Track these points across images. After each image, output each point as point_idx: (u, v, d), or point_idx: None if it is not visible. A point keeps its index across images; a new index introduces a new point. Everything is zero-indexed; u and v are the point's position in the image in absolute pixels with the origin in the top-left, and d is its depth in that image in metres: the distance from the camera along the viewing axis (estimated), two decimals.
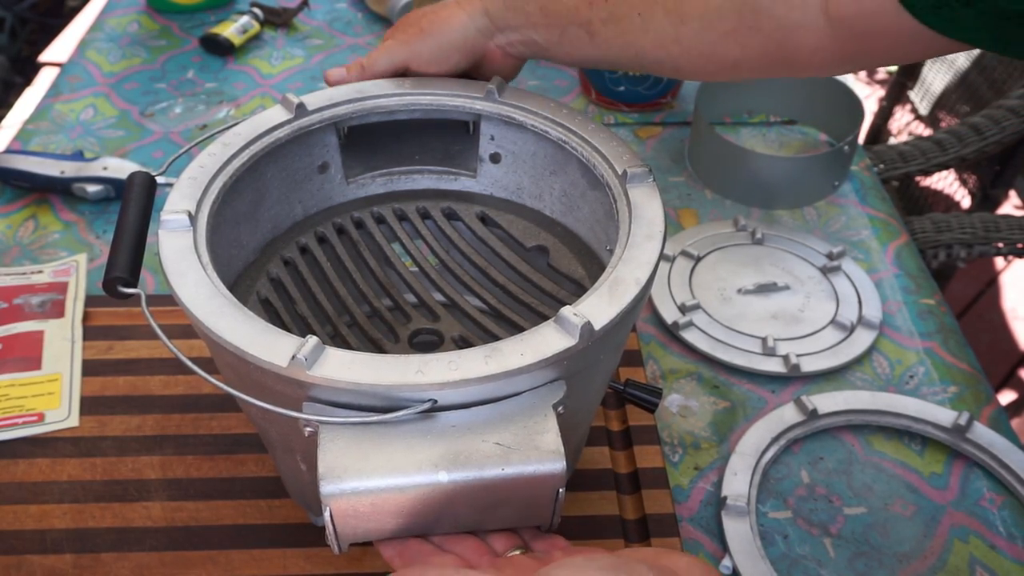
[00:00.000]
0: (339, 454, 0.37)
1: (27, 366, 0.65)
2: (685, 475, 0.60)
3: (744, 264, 0.75)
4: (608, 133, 0.51)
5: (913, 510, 0.58)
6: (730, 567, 0.54)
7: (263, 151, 0.51)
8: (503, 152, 0.57)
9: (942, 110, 1.38)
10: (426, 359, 0.38)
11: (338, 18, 1.11)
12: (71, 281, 0.72)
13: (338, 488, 0.36)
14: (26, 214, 0.81)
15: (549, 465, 0.37)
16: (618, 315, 0.40)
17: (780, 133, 0.93)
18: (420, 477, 0.36)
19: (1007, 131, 1.09)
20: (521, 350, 0.38)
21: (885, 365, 0.68)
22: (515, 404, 0.39)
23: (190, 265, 0.43)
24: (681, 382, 0.66)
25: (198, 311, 0.40)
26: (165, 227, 0.45)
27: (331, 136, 0.56)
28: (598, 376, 0.46)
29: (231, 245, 0.52)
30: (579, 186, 0.52)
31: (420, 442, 0.37)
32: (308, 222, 0.57)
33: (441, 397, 0.38)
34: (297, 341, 0.38)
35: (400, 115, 0.55)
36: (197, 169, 0.49)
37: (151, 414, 0.62)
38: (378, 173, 0.59)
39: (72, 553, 0.54)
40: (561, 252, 0.54)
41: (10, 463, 0.59)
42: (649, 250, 0.43)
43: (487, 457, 0.37)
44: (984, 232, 1.04)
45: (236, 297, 0.49)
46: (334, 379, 0.37)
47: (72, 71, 1.01)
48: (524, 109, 0.54)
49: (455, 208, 0.57)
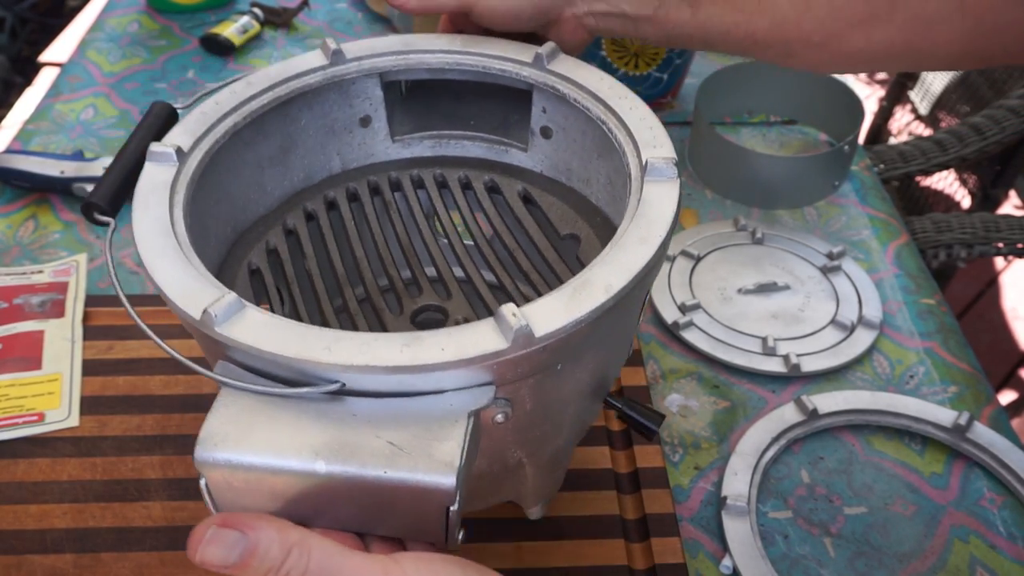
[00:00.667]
0: (225, 421, 0.34)
1: (27, 366, 0.65)
2: (685, 475, 0.60)
3: (744, 264, 0.75)
4: (649, 116, 0.46)
5: (913, 510, 0.58)
6: (730, 567, 0.54)
7: (290, 94, 0.49)
8: (554, 127, 0.52)
9: (942, 110, 1.38)
10: (340, 336, 0.34)
11: (338, 18, 1.11)
12: (71, 281, 0.72)
13: (210, 456, 0.33)
14: (26, 214, 0.81)
15: (437, 477, 0.33)
16: (571, 324, 0.35)
17: (780, 133, 0.93)
18: (296, 463, 0.33)
19: (1007, 131, 1.09)
20: (443, 344, 0.34)
21: (885, 365, 0.68)
22: (429, 403, 0.35)
23: (158, 200, 0.41)
24: (681, 382, 0.66)
25: (143, 246, 0.39)
26: (151, 158, 0.43)
27: (375, 88, 0.53)
28: (563, 387, 0.40)
29: (252, 188, 0.50)
30: (622, 175, 0.47)
31: (311, 425, 0.34)
32: (344, 176, 0.54)
33: (350, 380, 0.34)
34: (218, 295, 0.36)
35: (449, 74, 0.52)
36: (212, 105, 0.47)
37: (151, 414, 0.62)
38: (427, 135, 0.55)
39: (72, 553, 0.54)
40: (592, 244, 0.49)
41: (10, 463, 0.59)
42: (637, 255, 0.38)
43: (373, 455, 0.33)
44: (984, 232, 1.04)
45: (244, 244, 0.46)
46: (238, 341, 0.34)
47: (72, 71, 1.01)
48: (571, 81, 0.49)
49: (499, 182, 0.53)
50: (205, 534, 0.31)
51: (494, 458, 0.42)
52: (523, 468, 0.45)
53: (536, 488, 0.49)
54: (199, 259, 0.39)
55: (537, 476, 0.48)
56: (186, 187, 0.43)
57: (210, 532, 0.31)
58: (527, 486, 0.48)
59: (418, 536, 0.37)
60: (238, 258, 0.49)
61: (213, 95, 0.48)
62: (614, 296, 0.36)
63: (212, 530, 0.31)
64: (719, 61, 0.99)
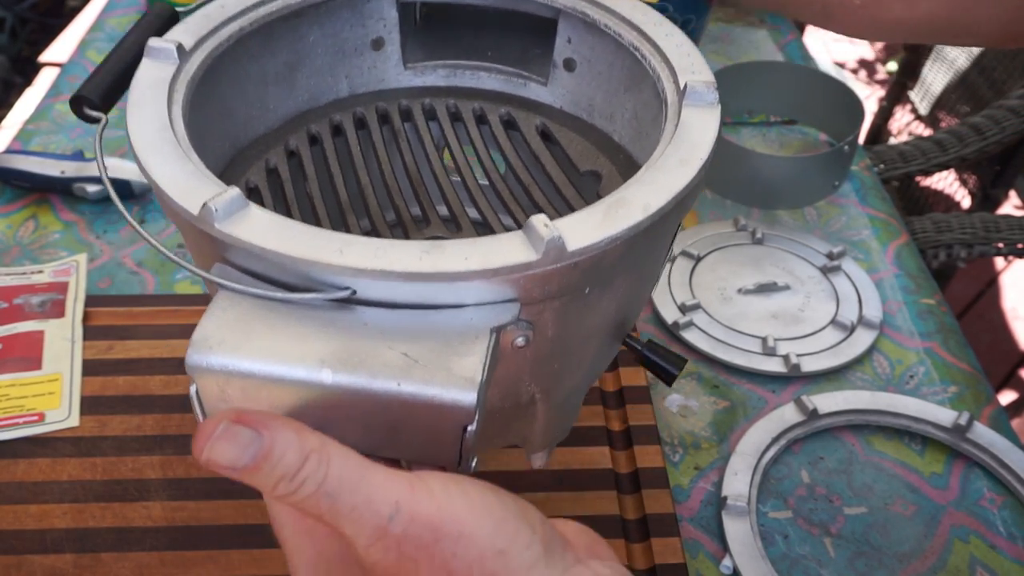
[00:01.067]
0: (222, 325, 0.31)
1: (27, 366, 0.65)
2: (685, 475, 0.60)
3: (744, 264, 0.75)
4: (686, 42, 0.44)
5: (913, 510, 0.58)
6: (730, 567, 0.54)
7: (300, 4, 0.46)
8: (578, 59, 0.50)
9: (942, 110, 1.38)
10: (353, 240, 0.32)
11: None
12: (71, 281, 0.72)
13: (204, 361, 0.31)
14: (26, 214, 0.81)
15: (455, 392, 0.30)
16: (605, 240, 0.33)
17: (780, 133, 0.93)
18: (300, 371, 0.30)
19: (1007, 131, 1.10)
20: (467, 253, 0.31)
21: (885, 365, 0.68)
22: (449, 316, 0.32)
23: (156, 96, 0.39)
24: (681, 382, 0.66)
25: (137, 140, 0.37)
26: (149, 54, 0.41)
27: (390, 9, 0.50)
28: (588, 315, 0.38)
29: (253, 105, 0.47)
30: (651, 108, 0.44)
31: (318, 333, 0.31)
32: (351, 101, 0.51)
33: (362, 288, 0.31)
34: (218, 189, 0.33)
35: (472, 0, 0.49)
36: (216, 8, 0.44)
37: (151, 414, 0.62)
38: (441, 63, 0.53)
39: (72, 553, 0.54)
40: (615, 181, 0.46)
41: (10, 463, 0.59)
42: (678, 176, 0.36)
43: (385, 366, 0.30)
44: (984, 232, 1.04)
45: (242, 162, 0.43)
46: (240, 238, 0.32)
47: (72, 71, 1.01)
48: (601, 7, 0.46)
49: (516, 116, 0.51)
50: (216, 429, 0.27)
51: (507, 391, 0.40)
52: (534, 406, 0.43)
53: (544, 431, 0.47)
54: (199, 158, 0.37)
55: (547, 417, 0.45)
56: (186, 87, 0.40)
57: (222, 427, 0.27)
58: (535, 428, 0.46)
59: (428, 459, 0.34)
60: (235, 176, 0.46)
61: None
62: (652, 215, 0.34)
63: (224, 425, 0.28)
64: (719, 61, 0.99)
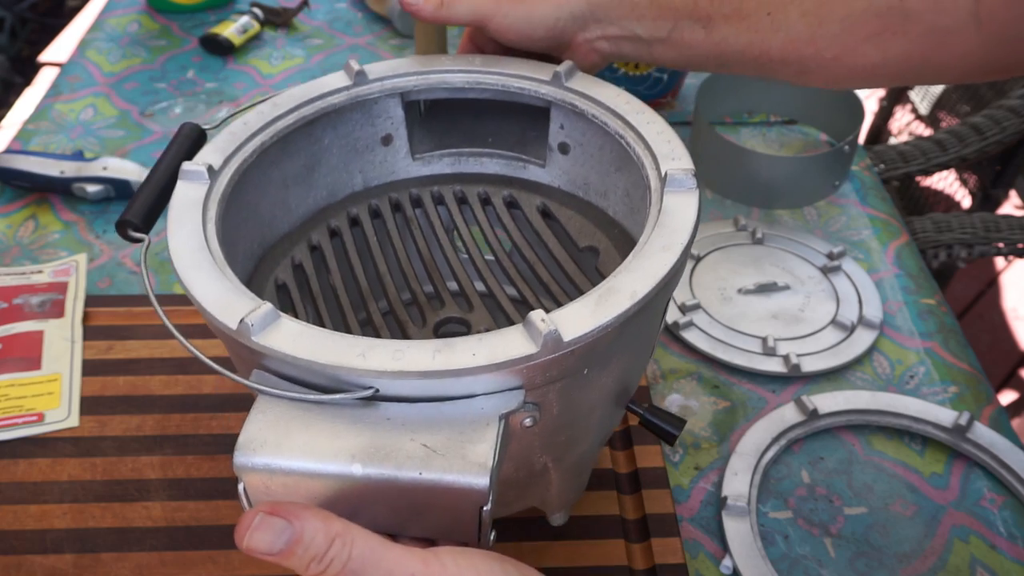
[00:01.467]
0: (264, 427, 0.35)
1: (27, 366, 0.65)
2: (685, 475, 0.60)
3: (744, 264, 0.75)
4: (666, 130, 0.48)
5: (914, 510, 0.58)
6: (730, 567, 0.54)
7: (315, 114, 0.51)
8: (571, 143, 0.54)
9: (942, 110, 1.38)
10: (373, 344, 0.36)
11: (338, 18, 1.11)
12: (71, 281, 0.72)
13: (249, 461, 0.34)
14: (26, 214, 0.81)
15: (471, 478, 0.34)
16: (598, 328, 0.36)
17: (780, 133, 0.93)
18: (334, 466, 0.34)
19: (1008, 131, 1.10)
20: (475, 350, 0.35)
21: (885, 365, 0.68)
22: (462, 407, 0.36)
23: (192, 217, 0.43)
24: (681, 382, 0.66)
25: (179, 261, 0.40)
26: (183, 176, 0.45)
27: (396, 108, 0.54)
28: (589, 392, 0.42)
29: (277, 206, 0.51)
30: (640, 187, 0.48)
31: (347, 429, 0.35)
32: (366, 194, 0.55)
33: (384, 386, 0.35)
34: (254, 305, 0.37)
35: (469, 93, 0.53)
36: (240, 125, 0.48)
37: (151, 414, 0.62)
38: (446, 152, 0.57)
39: (72, 553, 0.54)
40: (611, 256, 0.51)
41: (10, 463, 0.59)
42: (660, 262, 0.39)
43: (408, 457, 0.34)
44: (984, 232, 1.04)
45: (270, 260, 0.48)
46: (274, 349, 0.36)
47: (72, 71, 1.01)
48: (589, 98, 0.50)
49: (517, 197, 0.55)
50: (253, 521, 0.32)
51: (521, 463, 0.43)
52: (548, 473, 0.46)
53: (560, 494, 0.50)
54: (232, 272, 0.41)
55: (561, 482, 0.48)
56: (217, 204, 0.44)
57: (258, 519, 0.32)
58: (551, 492, 0.49)
59: (451, 536, 0.37)
60: (265, 274, 0.50)
61: (240, 116, 0.49)
62: (639, 302, 0.37)
63: (260, 517, 0.32)
64: None
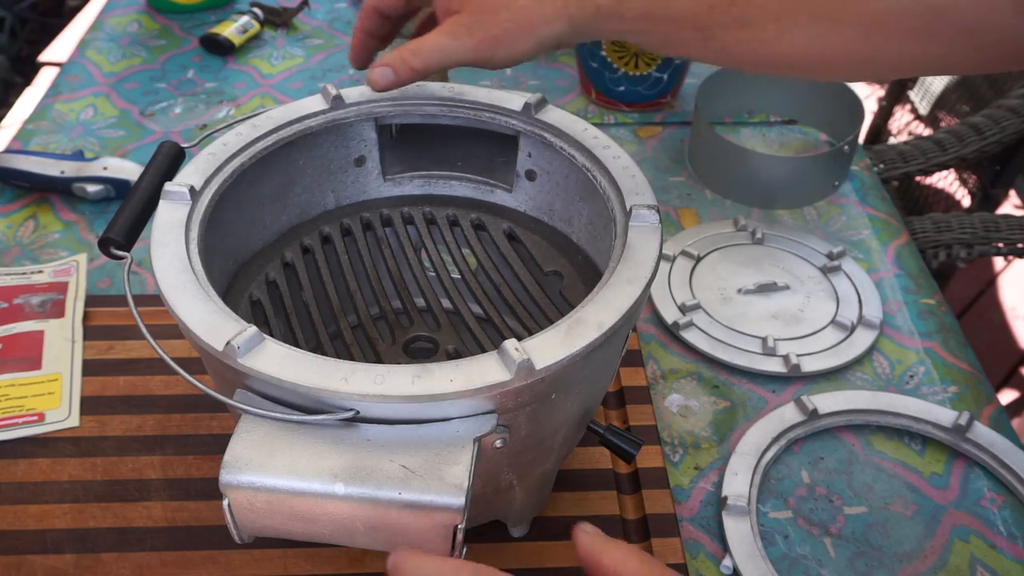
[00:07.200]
0: (248, 446, 0.37)
1: (27, 366, 0.65)
2: (685, 475, 0.60)
3: (744, 264, 0.75)
4: (632, 165, 0.50)
5: (914, 510, 0.58)
6: (730, 567, 0.54)
7: (292, 136, 0.52)
8: (538, 171, 0.56)
9: (942, 110, 1.38)
10: (355, 368, 0.37)
11: (338, 18, 1.11)
12: (71, 281, 0.72)
13: (235, 479, 0.36)
14: (26, 214, 0.81)
15: (448, 498, 0.36)
16: (567, 358, 0.38)
17: (780, 133, 0.93)
18: (317, 485, 0.36)
19: (1007, 131, 1.09)
20: (452, 376, 0.37)
21: (885, 365, 0.68)
22: (438, 429, 0.38)
23: (175, 238, 0.44)
24: (681, 382, 0.66)
25: (163, 282, 0.41)
26: (165, 197, 0.46)
27: (370, 131, 0.56)
28: (555, 415, 0.44)
29: (252, 223, 0.53)
30: (603, 217, 0.51)
31: (330, 450, 0.37)
32: (338, 213, 0.57)
33: (364, 409, 0.37)
34: (239, 328, 0.38)
35: (442, 120, 0.55)
36: (219, 146, 0.50)
37: (151, 414, 0.62)
38: (417, 174, 0.59)
39: (73, 553, 0.54)
40: (575, 281, 0.53)
41: (10, 463, 0.59)
42: (625, 294, 0.41)
43: (388, 477, 0.36)
44: (984, 232, 1.04)
45: (244, 276, 0.49)
46: (260, 372, 0.37)
47: (72, 71, 1.01)
48: (556, 130, 0.52)
49: (485, 220, 0.57)
50: None
51: (488, 480, 0.45)
52: (512, 490, 0.48)
53: (522, 508, 0.52)
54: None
55: (525, 497, 0.50)
56: (199, 224, 0.46)
57: None
58: (514, 506, 0.51)
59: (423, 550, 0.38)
60: (240, 290, 0.52)
61: (220, 137, 0.50)
62: (605, 332, 0.40)
63: None
64: None
